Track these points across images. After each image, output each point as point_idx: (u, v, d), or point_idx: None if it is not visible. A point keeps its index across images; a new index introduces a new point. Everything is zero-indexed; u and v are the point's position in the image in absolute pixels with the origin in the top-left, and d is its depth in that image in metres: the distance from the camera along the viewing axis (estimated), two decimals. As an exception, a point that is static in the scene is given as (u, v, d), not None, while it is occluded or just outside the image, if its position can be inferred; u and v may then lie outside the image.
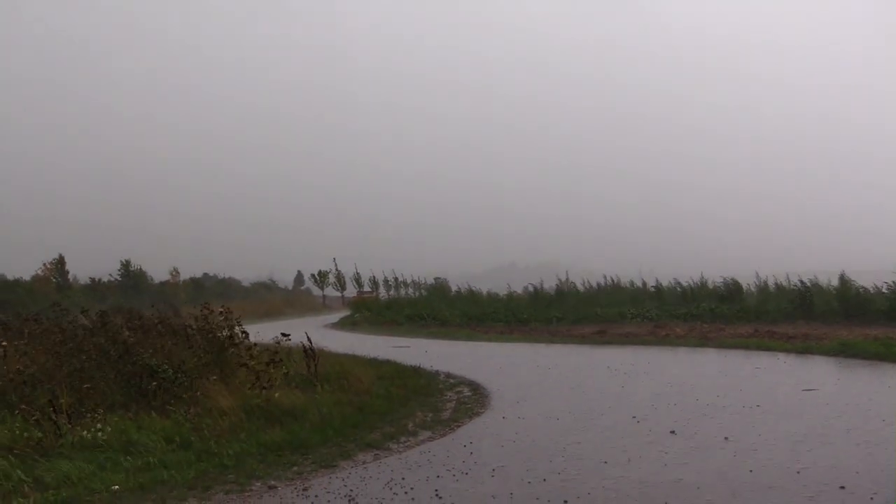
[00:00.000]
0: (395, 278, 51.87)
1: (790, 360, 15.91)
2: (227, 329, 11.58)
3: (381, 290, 52.09)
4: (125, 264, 51.55)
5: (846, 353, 16.01)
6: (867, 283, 25.36)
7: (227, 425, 8.74)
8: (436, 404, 11.33)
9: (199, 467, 7.38)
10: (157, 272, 55.05)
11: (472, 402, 11.43)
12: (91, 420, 8.36)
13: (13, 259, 77.37)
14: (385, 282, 52.01)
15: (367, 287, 51.59)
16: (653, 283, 32.68)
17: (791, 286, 27.53)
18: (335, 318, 40.13)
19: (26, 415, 8.18)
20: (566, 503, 6.05)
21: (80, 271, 51.99)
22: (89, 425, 8.21)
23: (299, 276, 72.49)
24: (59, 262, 48.58)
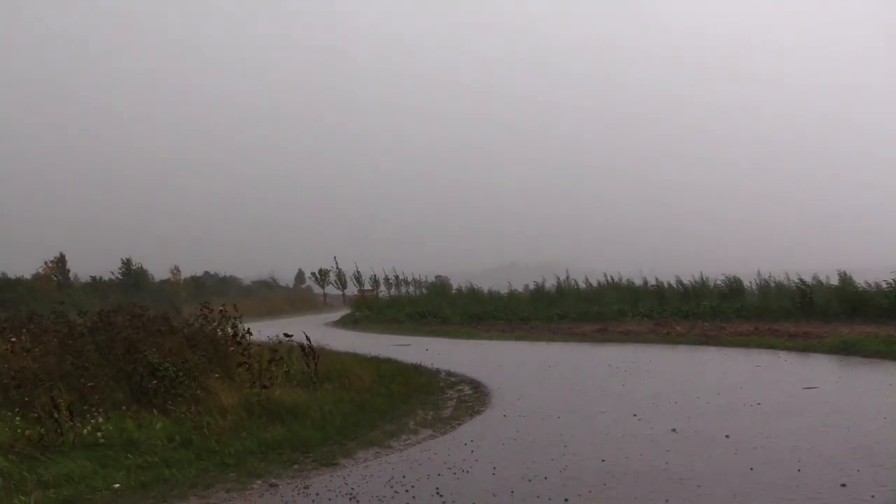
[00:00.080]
0: (395, 277, 51.77)
1: (791, 358, 15.91)
2: (230, 327, 11.60)
3: (382, 289, 52.03)
4: (126, 263, 51.42)
5: (847, 350, 16.02)
6: (864, 283, 25.35)
7: (228, 424, 8.74)
8: (437, 402, 11.34)
9: (200, 465, 7.39)
10: (158, 271, 54.96)
11: (473, 401, 11.44)
12: (92, 418, 8.37)
13: (15, 258, 77.25)
14: (386, 280, 51.93)
15: (367, 285, 51.57)
16: (653, 282, 32.68)
17: (791, 285, 27.52)
18: (336, 316, 40.14)
19: (27, 412, 8.18)
20: (567, 501, 6.05)
21: (81, 270, 51.93)
22: (90, 423, 8.22)
23: (300, 275, 72.38)
24: (60, 260, 48.51)
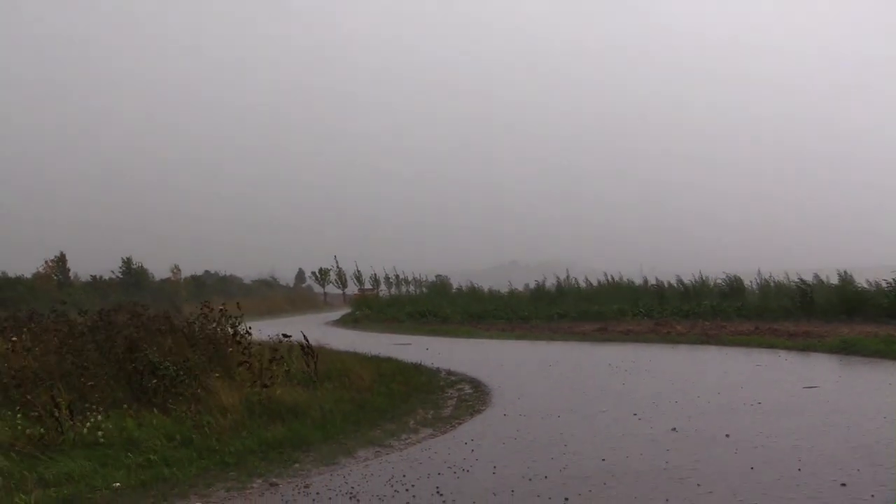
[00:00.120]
0: (396, 276, 51.80)
1: (791, 357, 15.91)
2: (230, 326, 11.59)
3: (383, 288, 52.06)
4: (126, 262, 51.42)
5: (847, 350, 16.02)
6: (865, 283, 25.36)
7: (228, 423, 8.74)
8: (437, 401, 11.34)
9: (200, 465, 7.39)
10: (159, 270, 54.97)
11: (473, 400, 11.44)
12: (92, 417, 8.37)
13: (15, 257, 77.39)
14: (386, 279, 51.94)
15: (368, 284, 51.57)
16: (654, 281, 32.68)
17: (792, 284, 27.52)
18: (336, 315, 40.15)
19: (28, 411, 8.18)
20: (567, 500, 6.05)
21: (82, 269, 51.92)
22: (90, 422, 8.22)
23: (300, 274, 72.38)
24: (61, 259, 48.53)
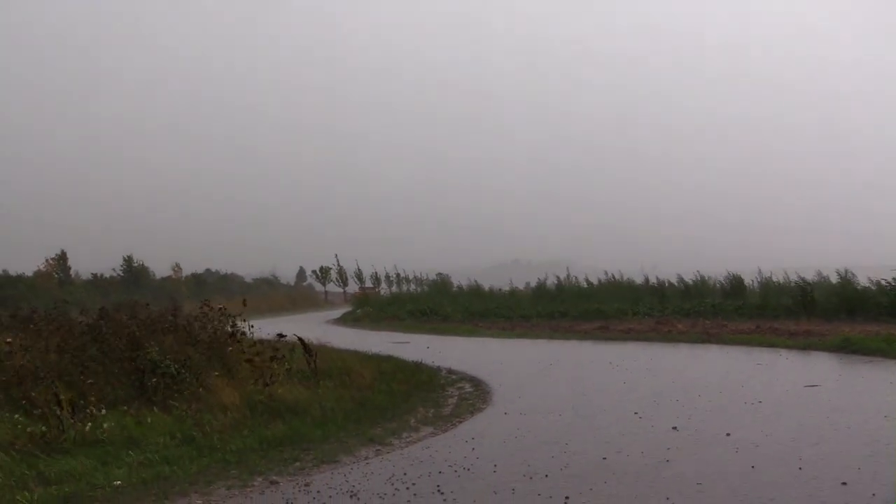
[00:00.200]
0: (396, 274, 51.90)
1: (792, 356, 15.91)
2: (229, 325, 11.59)
3: (384, 286, 52.15)
4: (127, 260, 51.51)
5: (848, 349, 16.02)
6: (867, 281, 25.36)
7: (229, 421, 8.75)
8: (437, 400, 11.35)
9: (201, 463, 7.39)
10: (159, 268, 55.07)
11: (474, 398, 11.44)
12: (93, 415, 8.36)
13: (16, 255, 77.49)
14: (387, 278, 52.05)
15: (369, 283, 51.63)
16: (654, 280, 32.69)
17: (792, 283, 27.52)
18: (337, 313, 40.19)
19: (31, 409, 8.19)
20: (568, 499, 6.05)
21: (83, 267, 52.01)
22: (91, 421, 8.21)
23: (301, 273, 72.41)
24: (62, 257, 48.59)
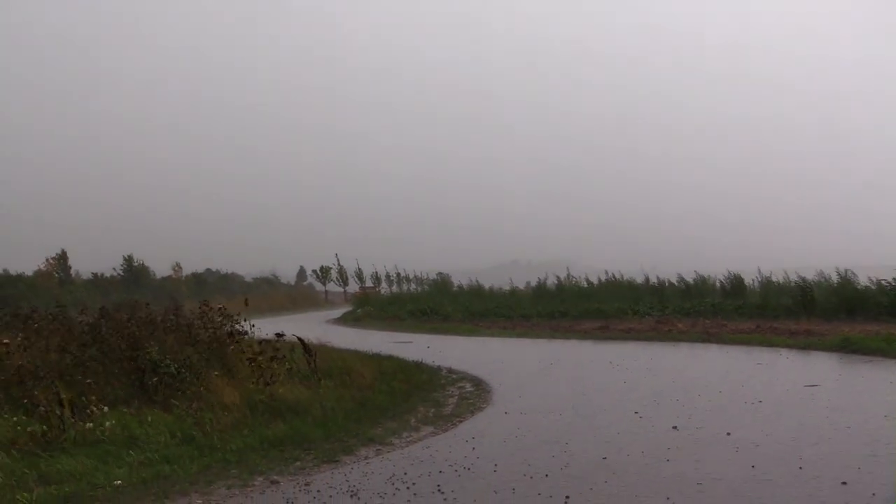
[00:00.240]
0: (397, 274, 51.86)
1: (792, 355, 15.91)
2: (229, 325, 11.59)
3: (384, 286, 52.13)
4: (128, 259, 51.47)
5: (848, 348, 16.02)
6: (867, 281, 25.35)
7: (230, 420, 8.75)
8: (438, 399, 11.35)
9: (201, 462, 7.39)
10: (160, 267, 55.07)
11: (474, 398, 11.45)
12: (94, 415, 8.37)
13: (17, 255, 77.57)
14: (387, 277, 52.01)
15: (369, 282, 51.62)
16: (655, 280, 32.68)
17: (792, 283, 27.51)
18: (338, 313, 40.18)
19: (33, 408, 8.19)
20: (568, 498, 6.06)
21: (83, 266, 52.00)
22: (92, 420, 8.22)
23: (302, 272, 72.36)
24: (62, 257, 48.58)
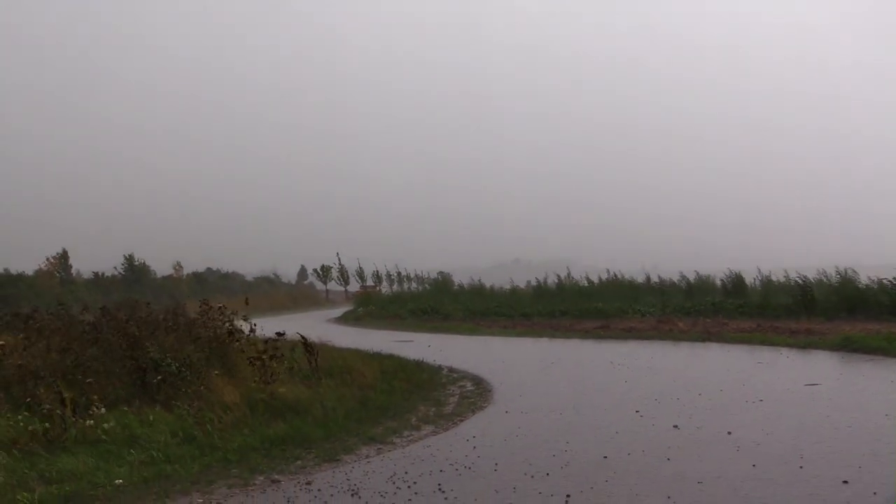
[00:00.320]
0: (398, 273, 51.88)
1: (793, 354, 15.91)
2: (228, 324, 11.58)
3: (385, 285, 52.18)
4: (129, 259, 51.49)
5: (849, 347, 16.01)
6: (868, 280, 25.33)
7: (230, 420, 8.76)
8: (439, 398, 11.36)
9: (202, 461, 7.40)
10: (160, 267, 55.14)
11: (475, 397, 11.45)
12: (95, 414, 8.38)
13: (18, 254, 77.61)
14: (388, 276, 52.05)
15: (370, 282, 51.68)
16: (655, 279, 32.69)
17: (793, 282, 27.48)
18: (338, 312, 40.19)
19: (36, 407, 8.20)
20: (569, 497, 6.06)
21: (84, 266, 52.03)
22: (93, 419, 8.23)
23: (303, 271, 72.36)
24: (63, 256, 48.62)
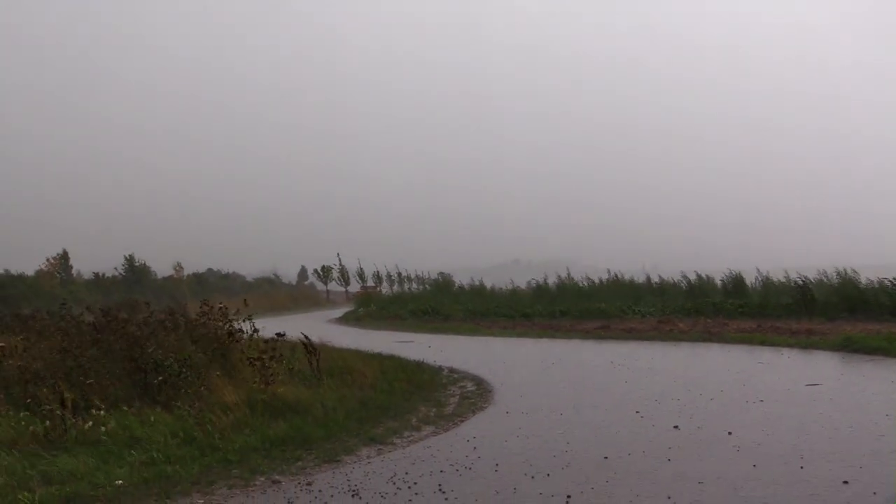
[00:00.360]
0: (398, 273, 51.81)
1: (793, 355, 15.90)
2: (228, 324, 11.58)
3: (385, 285, 52.13)
4: (129, 259, 51.47)
5: (849, 347, 16.00)
6: (870, 279, 25.33)
7: (231, 420, 8.75)
8: (439, 399, 11.35)
9: (203, 462, 7.40)
10: (161, 267, 55.15)
11: (476, 397, 11.45)
12: (95, 415, 8.38)
13: (18, 254, 77.66)
14: (389, 277, 51.98)
15: (370, 282, 51.64)
16: (656, 279, 32.69)
17: (793, 282, 27.48)
18: (339, 312, 40.17)
19: (39, 407, 8.20)
20: (570, 498, 6.06)
21: (84, 266, 52.05)
22: (93, 420, 8.23)
23: (303, 271, 72.33)
24: (63, 257, 48.63)
